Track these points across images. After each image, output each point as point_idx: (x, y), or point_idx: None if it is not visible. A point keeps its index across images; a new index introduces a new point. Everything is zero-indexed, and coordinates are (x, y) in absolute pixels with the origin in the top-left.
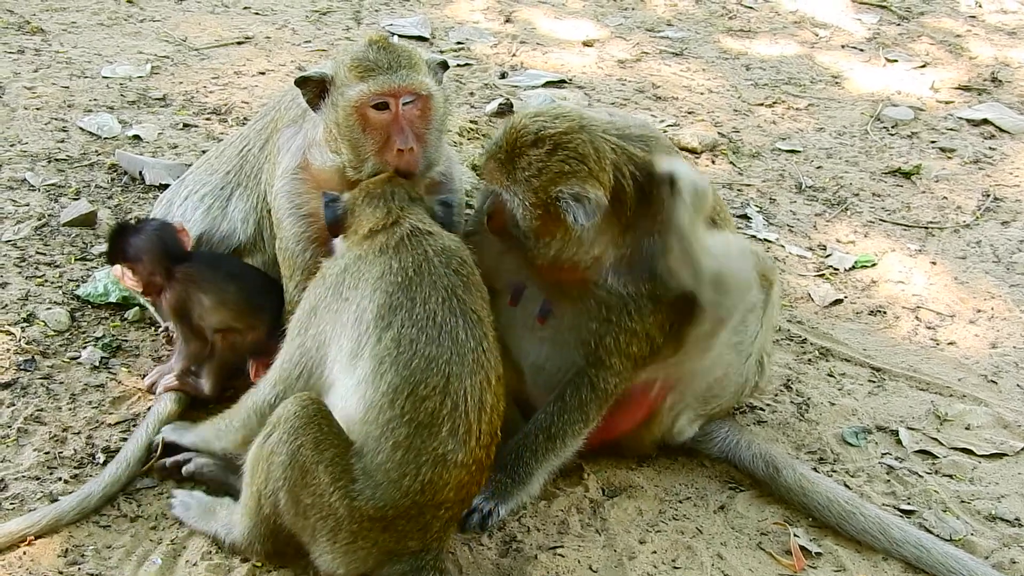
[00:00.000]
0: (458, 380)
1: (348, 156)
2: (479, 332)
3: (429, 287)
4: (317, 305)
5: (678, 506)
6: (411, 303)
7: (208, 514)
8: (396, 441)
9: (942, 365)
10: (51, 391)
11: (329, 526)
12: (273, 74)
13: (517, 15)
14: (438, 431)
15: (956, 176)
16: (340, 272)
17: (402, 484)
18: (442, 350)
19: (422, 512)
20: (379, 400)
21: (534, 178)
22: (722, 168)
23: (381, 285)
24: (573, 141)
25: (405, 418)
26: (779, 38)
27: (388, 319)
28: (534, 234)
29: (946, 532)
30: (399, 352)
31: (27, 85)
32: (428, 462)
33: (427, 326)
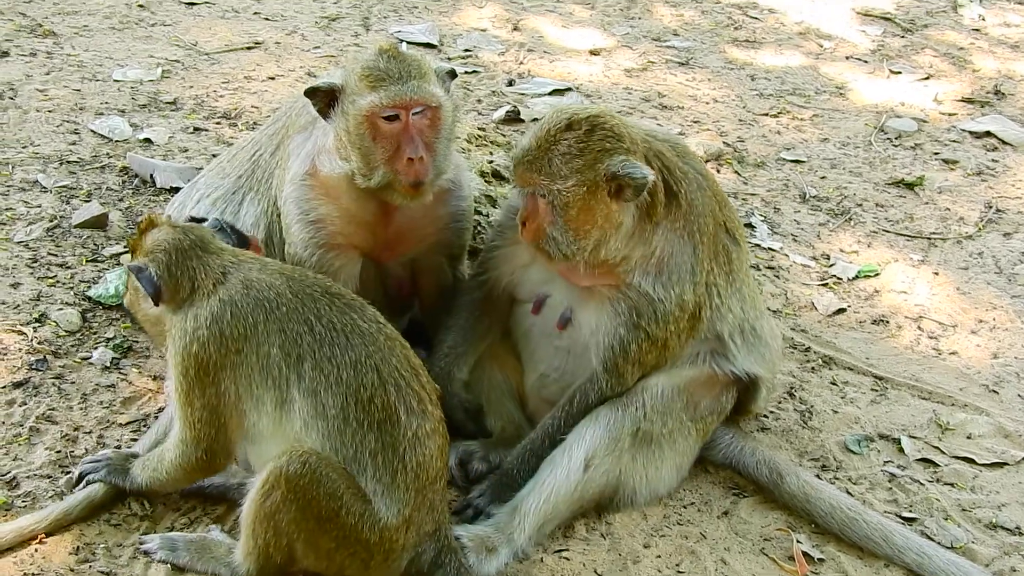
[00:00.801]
0: (386, 364)
1: (358, 164)
2: (368, 311)
3: (311, 301)
4: (205, 364)
5: (682, 511)
6: (308, 327)
7: (203, 551)
8: (371, 449)
9: (944, 375)
10: (62, 391)
11: (361, 557)
12: (283, 79)
13: (525, 23)
14: (397, 418)
15: (959, 188)
16: (211, 324)
17: (398, 482)
18: (358, 349)
19: (426, 496)
20: (334, 425)
21: (576, 158)
22: (727, 177)
23: (271, 326)
24: (608, 122)
25: (364, 425)
26: (784, 49)
27: (296, 352)
28: (575, 226)
29: (947, 540)
30: (325, 376)
31: (39, 88)
32: (407, 447)
33: (334, 338)
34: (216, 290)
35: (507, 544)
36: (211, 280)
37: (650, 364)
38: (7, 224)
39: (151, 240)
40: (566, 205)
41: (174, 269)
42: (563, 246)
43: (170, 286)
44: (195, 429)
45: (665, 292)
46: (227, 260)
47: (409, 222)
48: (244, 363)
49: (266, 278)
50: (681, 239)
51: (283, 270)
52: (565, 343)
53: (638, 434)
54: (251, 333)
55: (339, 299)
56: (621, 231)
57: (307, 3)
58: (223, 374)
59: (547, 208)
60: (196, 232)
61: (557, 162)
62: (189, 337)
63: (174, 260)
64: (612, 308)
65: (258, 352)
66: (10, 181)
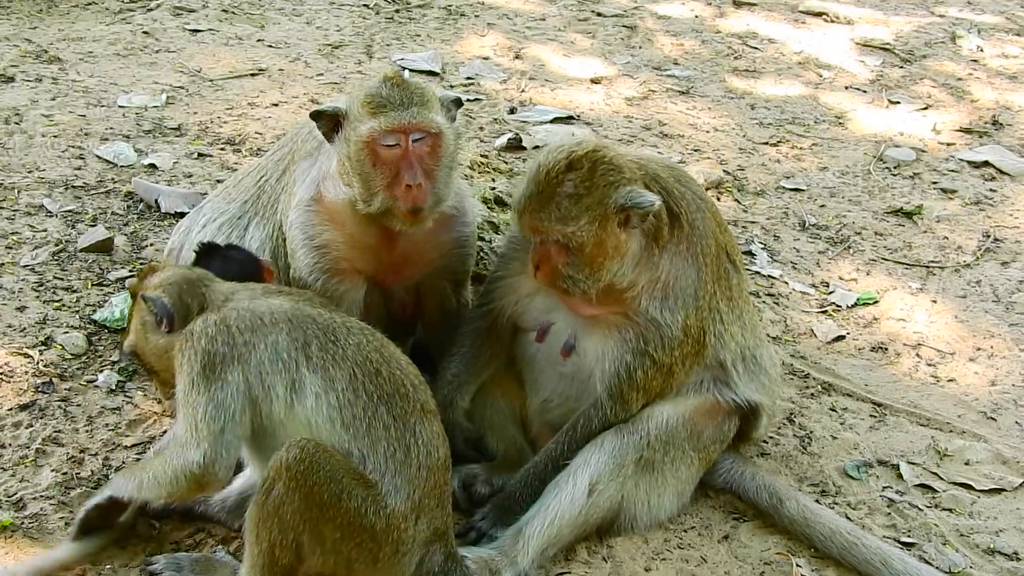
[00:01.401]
0: (385, 348)
1: (359, 190)
2: (357, 322)
3: (309, 305)
4: (210, 360)
5: (683, 535)
6: (311, 319)
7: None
8: (384, 422)
9: (942, 401)
10: (68, 413)
11: (368, 548)
12: (286, 106)
13: (526, 52)
14: (406, 391)
15: (957, 217)
16: (220, 323)
17: (411, 458)
18: (357, 336)
19: (436, 483)
20: (345, 397)
21: (585, 197)
22: (727, 205)
23: (277, 317)
24: (607, 155)
25: (375, 398)
26: (784, 78)
27: (302, 338)
28: (589, 262)
29: (946, 565)
30: (331, 354)
31: (45, 113)
32: (417, 420)
33: (335, 328)
34: (224, 305)
35: (511, 567)
36: (219, 299)
37: (655, 391)
38: (13, 248)
39: (158, 278)
40: (581, 245)
41: (184, 296)
42: (581, 283)
43: (181, 312)
44: (197, 430)
45: (672, 317)
46: (233, 287)
47: (413, 247)
48: (254, 352)
49: (270, 296)
50: (685, 262)
51: (281, 290)
52: (569, 369)
53: (641, 461)
54: (258, 326)
55: (334, 311)
56: (629, 258)
57: (310, 31)
58: (231, 366)
59: (560, 250)
60: (198, 272)
61: (566, 204)
62: (197, 335)
63: (184, 289)
64: (618, 335)
65: (266, 341)
66: (16, 205)
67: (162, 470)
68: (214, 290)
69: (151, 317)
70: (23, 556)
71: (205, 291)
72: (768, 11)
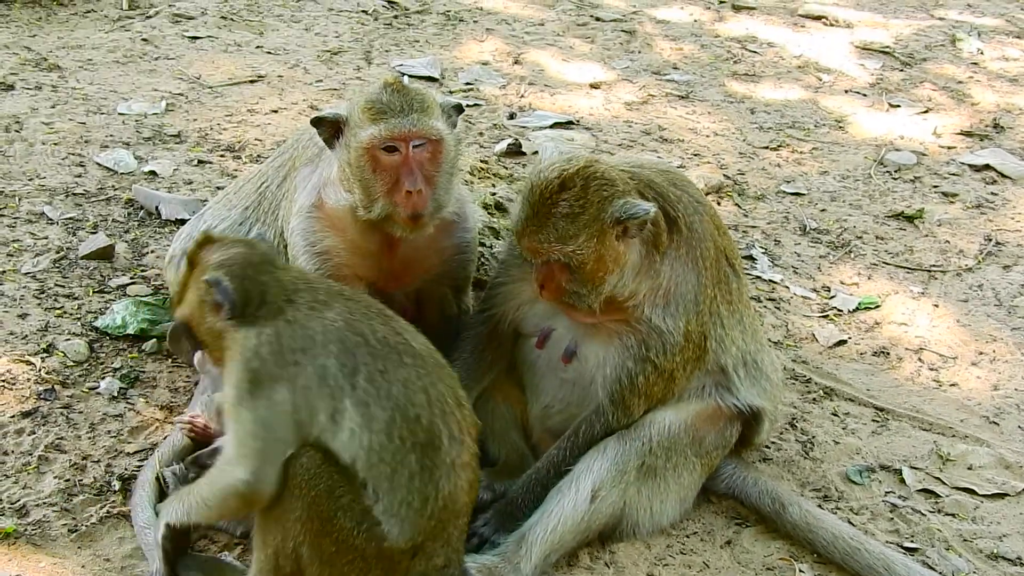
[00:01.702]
0: (434, 387)
1: (359, 196)
2: (420, 338)
3: (367, 319)
4: (258, 378)
5: (685, 540)
6: (363, 339)
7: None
8: (410, 470)
9: (945, 406)
10: (71, 420)
11: (358, 567)
12: (286, 112)
13: (526, 57)
14: (440, 442)
15: (958, 220)
16: (273, 340)
17: (426, 509)
18: (408, 368)
19: (446, 528)
20: (378, 440)
21: (580, 215)
22: (728, 210)
23: (329, 337)
24: (598, 169)
25: (407, 444)
26: (783, 82)
27: (351, 364)
28: (592, 277)
29: (948, 570)
30: (376, 389)
31: (44, 121)
32: (443, 475)
33: (388, 353)
34: (282, 310)
35: (514, 573)
36: (280, 299)
37: (656, 396)
38: (15, 255)
39: (220, 254)
40: (582, 262)
41: (247, 283)
42: (586, 298)
43: (241, 299)
44: (244, 447)
45: (673, 323)
46: (295, 279)
47: (414, 253)
48: (302, 374)
49: (329, 300)
50: (685, 267)
51: (342, 292)
52: (570, 375)
53: (643, 467)
54: (310, 346)
55: (393, 320)
56: (629, 268)
57: (309, 37)
58: (279, 385)
59: (562, 269)
60: (261, 248)
61: (563, 224)
62: (250, 352)
63: (247, 274)
64: (620, 341)
65: (315, 363)
66: (17, 213)
67: (209, 492)
68: (276, 282)
69: (209, 299)
70: (26, 563)
71: (268, 280)
72: (767, 15)
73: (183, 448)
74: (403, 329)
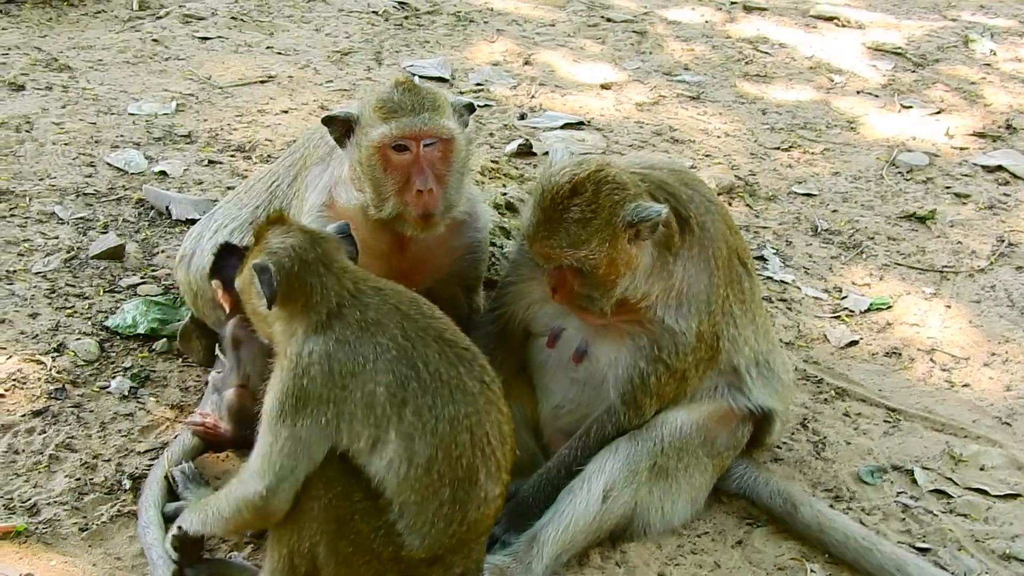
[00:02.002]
0: (480, 427)
1: (370, 195)
2: (477, 369)
3: (423, 346)
4: (305, 397)
5: (696, 540)
6: (415, 372)
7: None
8: (441, 501)
9: (957, 407)
10: (81, 419)
11: (374, 568)
12: (296, 113)
13: (536, 58)
14: (476, 479)
15: (971, 221)
16: (323, 360)
17: (449, 530)
18: (459, 405)
19: (466, 544)
20: (414, 473)
21: (592, 220)
22: (739, 210)
23: (380, 365)
24: (608, 173)
25: (444, 480)
26: (795, 83)
27: (401, 395)
28: (604, 281)
29: (961, 570)
30: (423, 423)
31: (55, 121)
32: (473, 508)
33: (438, 388)
34: (331, 323)
35: (525, 573)
36: (325, 306)
37: (668, 396)
38: (25, 255)
39: (278, 239)
40: (594, 267)
41: (293, 279)
42: (598, 301)
43: (284, 292)
44: (271, 461)
45: (686, 324)
46: (346, 287)
47: (425, 253)
48: (349, 399)
49: (382, 319)
50: (698, 267)
51: (399, 306)
52: (581, 375)
53: (655, 468)
54: (360, 371)
55: (451, 348)
56: (642, 270)
57: (319, 38)
58: (324, 408)
59: (574, 274)
60: (323, 245)
61: (574, 230)
62: (301, 369)
63: (295, 270)
64: (632, 342)
65: (363, 389)
66: (28, 213)
67: (225, 503)
68: (326, 287)
69: (256, 283)
70: (37, 561)
71: (315, 283)
72: (779, 16)
73: (192, 447)
74: (460, 359)
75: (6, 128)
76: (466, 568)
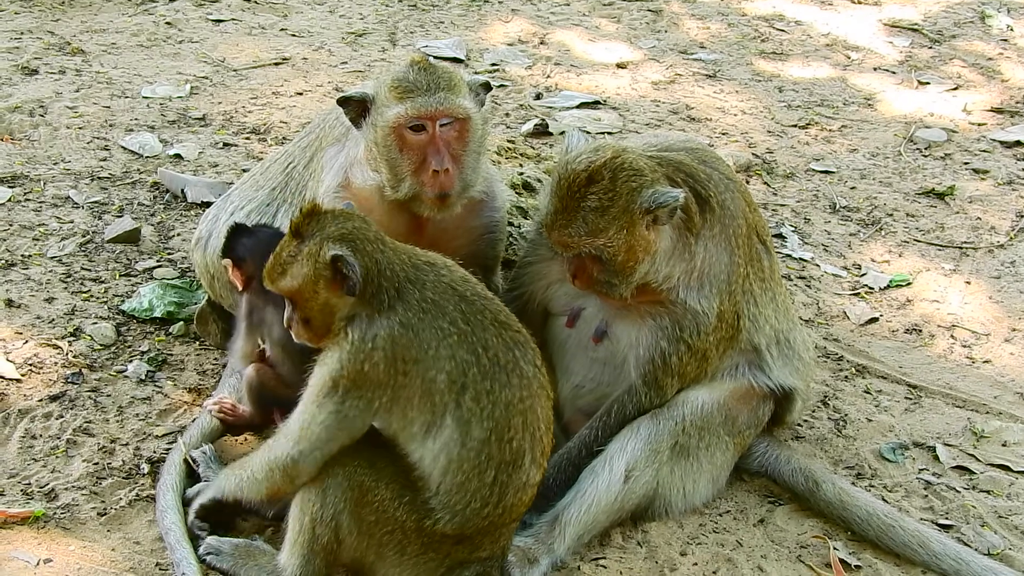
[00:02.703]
0: (532, 412)
1: (386, 176)
2: (530, 352)
3: (481, 330)
4: (362, 380)
5: (718, 519)
6: (475, 357)
7: (247, 557)
8: (483, 483)
9: (978, 383)
10: (99, 404)
11: (396, 539)
12: (311, 94)
13: (551, 37)
14: (521, 464)
15: (989, 197)
16: (388, 346)
17: (484, 511)
18: (514, 390)
19: (498, 527)
20: (465, 455)
21: (610, 208)
22: (757, 188)
23: (443, 351)
24: (626, 159)
25: (492, 462)
26: (812, 60)
27: (461, 381)
28: (623, 266)
29: (984, 546)
30: (480, 408)
31: (69, 105)
32: (512, 491)
33: (496, 373)
34: (394, 307)
35: (547, 554)
36: (392, 285)
37: (690, 376)
38: (40, 240)
39: (338, 227)
40: (613, 254)
41: (367, 260)
42: (618, 287)
43: (364, 277)
44: (308, 431)
45: (708, 303)
46: (405, 262)
47: (442, 234)
48: (408, 385)
49: (439, 299)
50: (719, 246)
51: (455, 287)
52: (601, 355)
53: (677, 447)
54: (423, 358)
55: (507, 331)
56: (661, 254)
57: (333, 19)
58: (379, 392)
59: (593, 261)
60: (372, 223)
61: (592, 218)
62: (363, 354)
63: (367, 250)
64: (653, 322)
65: (424, 376)
66: (43, 197)
67: (258, 465)
68: (392, 266)
69: (328, 274)
70: (55, 547)
71: (382, 259)
72: None
73: (212, 430)
74: (515, 342)
75: (20, 112)
76: (492, 553)
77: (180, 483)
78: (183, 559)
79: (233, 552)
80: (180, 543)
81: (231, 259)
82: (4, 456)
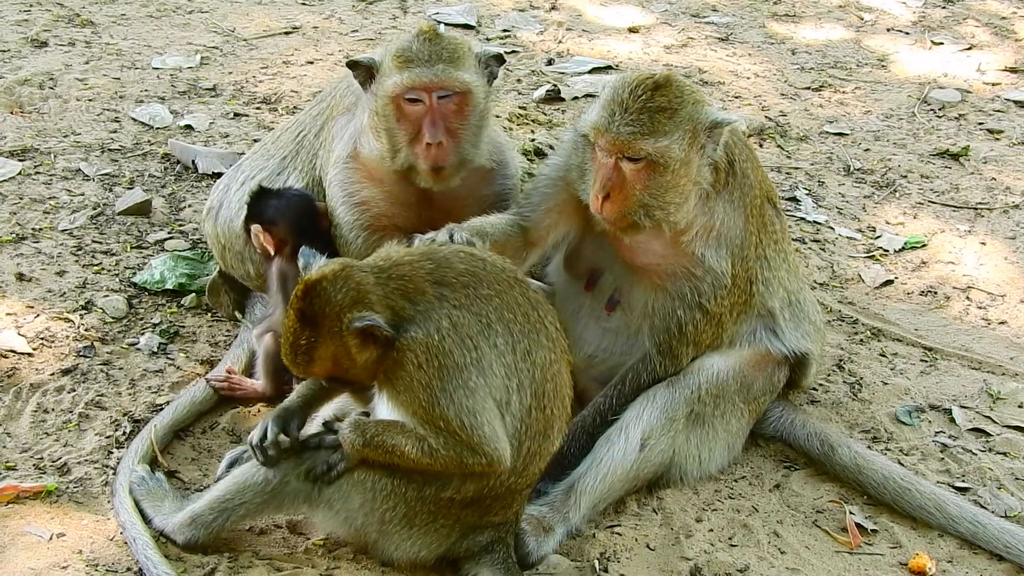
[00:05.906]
0: (560, 377)
1: (385, 144)
2: (551, 314)
3: (508, 289)
4: (446, 371)
5: (733, 485)
6: (513, 315)
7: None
8: (518, 453)
9: (994, 344)
10: (111, 376)
11: (402, 511)
12: (321, 63)
13: (563, 2)
14: (551, 434)
15: (1004, 157)
16: (451, 333)
17: (508, 480)
18: (545, 351)
19: (512, 493)
20: (513, 424)
21: (678, 111)
22: (770, 151)
23: (491, 316)
24: (685, 82)
25: (528, 432)
26: (824, 22)
27: (511, 342)
28: (667, 188)
29: (1001, 509)
30: (527, 367)
31: (79, 77)
32: (539, 460)
33: (528, 330)
34: (445, 296)
35: (563, 523)
36: (428, 289)
37: (704, 343)
38: (51, 213)
39: (343, 292)
40: (667, 164)
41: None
42: (656, 211)
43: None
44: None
45: (723, 264)
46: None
47: (454, 203)
48: (483, 357)
49: (467, 267)
50: (736, 210)
51: (461, 259)
52: (613, 325)
53: (692, 415)
54: (485, 328)
55: (527, 289)
56: (695, 194)
57: None
58: (468, 372)
59: (639, 174)
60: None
61: (660, 119)
62: (432, 352)
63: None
64: (667, 288)
65: (490, 343)
66: (53, 170)
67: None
68: (400, 277)
69: (356, 342)
70: (68, 521)
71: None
72: None
73: (203, 399)
74: (536, 301)
75: (30, 85)
76: (505, 518)
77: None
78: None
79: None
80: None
81: (261, 223)
82: (16, 431)
